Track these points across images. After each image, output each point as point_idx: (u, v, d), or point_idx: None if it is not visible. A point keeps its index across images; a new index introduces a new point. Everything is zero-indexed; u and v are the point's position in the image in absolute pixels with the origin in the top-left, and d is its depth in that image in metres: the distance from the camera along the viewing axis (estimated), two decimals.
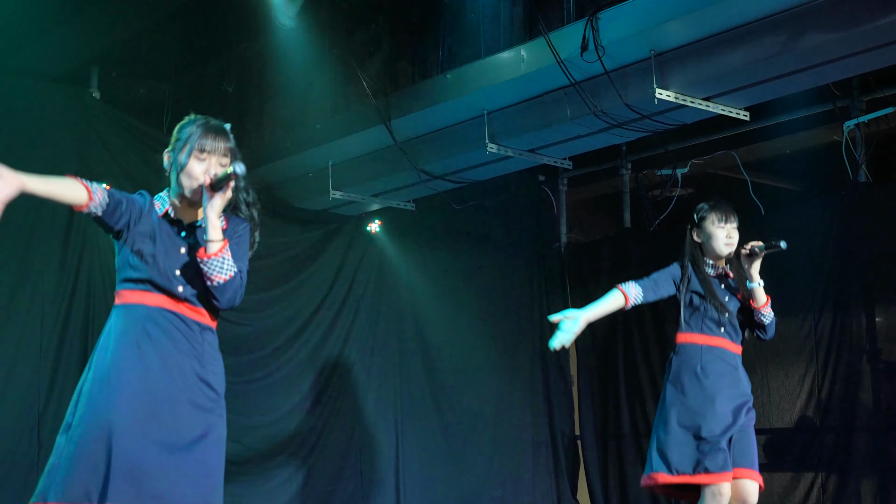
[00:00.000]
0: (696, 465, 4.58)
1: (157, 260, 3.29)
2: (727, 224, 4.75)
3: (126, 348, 3.27)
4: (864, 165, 7.11)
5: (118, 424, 3.16)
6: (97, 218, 3.28)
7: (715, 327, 4.73)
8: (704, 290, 4.71)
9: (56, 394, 6.28)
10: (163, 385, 3.24)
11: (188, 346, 3.30)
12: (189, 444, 3.22)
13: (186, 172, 3.32)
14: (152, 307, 3.29)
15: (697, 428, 4.61)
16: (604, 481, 8.40)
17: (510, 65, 6.30)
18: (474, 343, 8.38)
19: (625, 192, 8.65)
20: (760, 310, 4.73)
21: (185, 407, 3.25)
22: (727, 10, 5.40)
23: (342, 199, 7.68)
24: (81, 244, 6.50)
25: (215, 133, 3.34)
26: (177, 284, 3.30)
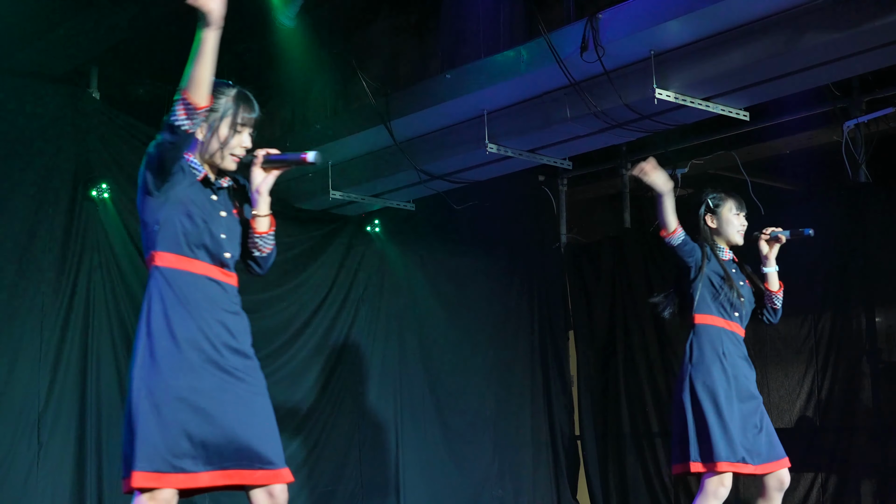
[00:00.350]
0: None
1: (208, 226, 3.32)
2: (741, 212, 4.87)
3: (179, 313, 3.26)
4: (864, 166, 7.11)
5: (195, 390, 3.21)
6: (182, 138, 3.19)
7: (731, 311, 4.78)
8: (724, 273, 4.75)
9: (56, 393, 6.28)
10: (218, 347, 3.29)
11: (227, 312, 3.34)
12: (244, 401, 3.31)
13: (227, 142, 3.38)
14: (199, 275, 3.31)
15: (729, 413, 4.63)
16: (604, 481, 8.40)
17: (510, 65, 6.30)
18: (474, 343, 8.38)
19: (625, 193, 8.65)
20: (776, 294, 4.86)
21: (238, 361, 3.32)
22: (727, 10, 5.40)
23: (342, 199, 7.68)
24: (81, 244, 6.50)
25: (249, 105, 3.44)
26: (225, 250, 3.35)
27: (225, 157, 3.38)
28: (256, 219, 3.42)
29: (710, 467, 4.57)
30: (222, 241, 3.33)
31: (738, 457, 4.56)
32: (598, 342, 8.63)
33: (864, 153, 7.11)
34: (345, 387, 7.68)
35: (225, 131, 3.37)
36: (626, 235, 8.59)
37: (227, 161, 3.38)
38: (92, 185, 6.53)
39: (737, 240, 4.86)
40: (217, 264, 3.33)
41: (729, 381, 4.67)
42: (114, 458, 6.40)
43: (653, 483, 8.08)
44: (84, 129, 6.61)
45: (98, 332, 6.49)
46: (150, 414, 3.16)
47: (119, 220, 6.64)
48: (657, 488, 8.04)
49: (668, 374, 8.12)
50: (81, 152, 6.59)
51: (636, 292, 8.40)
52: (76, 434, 6.32)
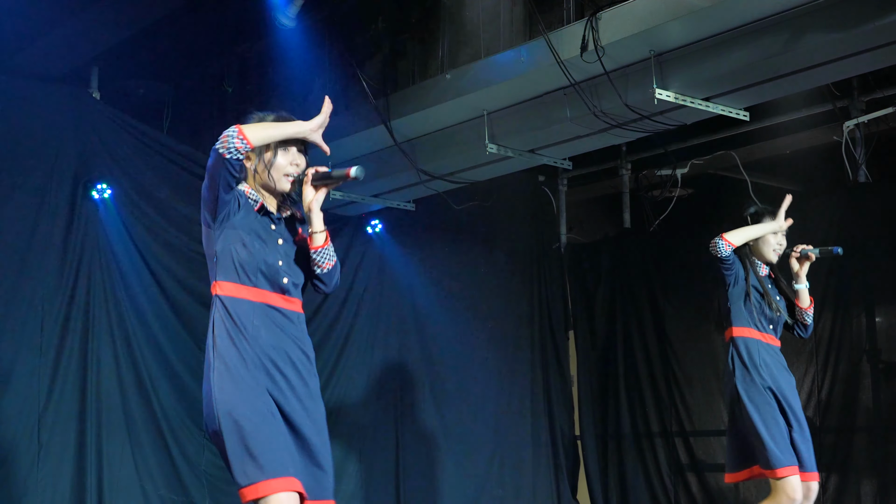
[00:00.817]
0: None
1: (264, 253, 3.39)
2: (779, 232, 4.87)
3: (245, 341, 3.33)
4: (863, 165, 7.11)
5: (263, 414, 3.27)
6: (226, 164, 3.27)
7: (767, 324, 4.89)
8: (762, 288, 4.81)
9: (56, 392, 6.28)
10: (286, 375, 3.37)
11: (290, 340, 3.41)
12: (313, 430, 3.39)
13: (276, 167, 3.45)
14: (257, 303, 3.37)
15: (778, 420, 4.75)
16: (604, 481, 8.40)
17: (510, 65, 6.30)
18: (474, 343, 8.38)
19: (624, 193, 8.65)
20: (807, 310, 4.99)
21: (303, 390, 3.40)
22: (727, 11, 5.40)
23: (342, 199, 7.68)
24: (81, 244, 6.50)
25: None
26: (283, 276, 3.41)
27: (278, 180, 3.45)
28: (312, 235, 3.47)
29: (772, 474, 4.70)
30: (279, 268, 3.39)
31: (793, 461, 4.72)
32: (598, 342, 8.63)
33: (863, 153, 7.11)
34: (345, 387, 7.68)
35: (270, 154, 3.45)
36: (626, 235, 8.59)
37: (280, 183, 3.45)
38: (92, 185, 6.54)
39: (771, 258, 4.96)
40: (277, 291, 3.39)
41: (772, 390, 4.78)
42: (114, 458, 6.41)
43: (653, 483, 8.08)
44: (84, 129, 6.61)
45: (98, 332, 6.49)
46: (254, 426, 3.23)
47: (119, 220, 6.64)
48: (657, 488, 8.05)
49: (668, 374, 8.12)
50: (82, 152, 6.59)
51: (636, 292, 8.40)
52: (76, 434, 6.32)
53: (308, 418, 3.36)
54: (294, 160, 3.47)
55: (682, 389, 8.04)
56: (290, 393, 3.34)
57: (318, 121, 3.50)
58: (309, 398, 3.39)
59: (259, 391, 3.28)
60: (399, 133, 6.96)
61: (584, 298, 8.80)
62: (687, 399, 7.99)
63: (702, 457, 7.85)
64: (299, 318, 3.46)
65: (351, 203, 7.84)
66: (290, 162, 3.46)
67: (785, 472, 4.67)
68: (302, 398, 3.36)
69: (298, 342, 3.42)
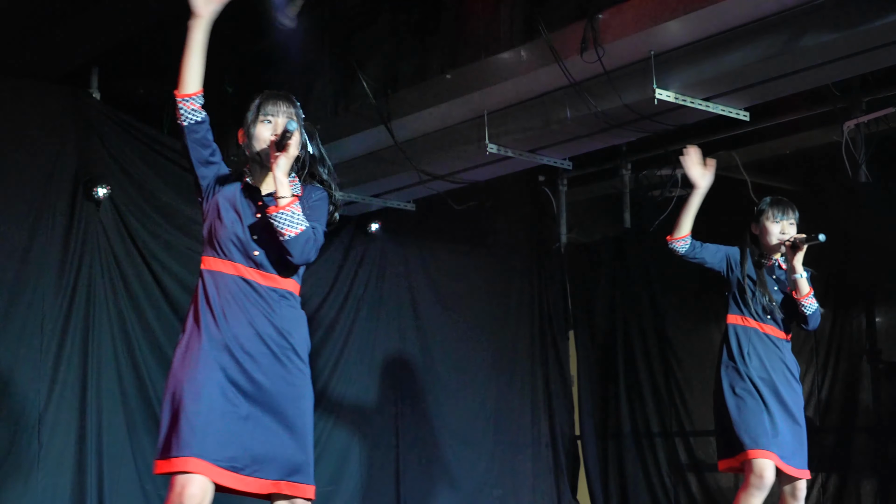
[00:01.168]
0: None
1: (237, 226, 3.41)
2: (783, 220, 4.91)
3: (211, 315, 3.36)
4: (864, 166, 7.11)
5: (208, 391, 3.27)
6: (187, 132, 3.39)
7: (763, 314, 4.86)
8: (757, 278, 4.81)
9: (57, 392, 6.28)
10: (249, 351, 3.35)
11: (262, 316, 3.39)
12: (275, 409, 3.36)
13: (255, 137, 3.47)
14: (231, 275, 3.39)
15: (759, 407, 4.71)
16: (604, 481, 8.40)
17: (510, 65, 6.30)
18: (474, 343, 8.38)
19: (625, 193, 8.65)
20: (801, 300, 4.85)
21: (270, 367, 3.37)
22: (727, 11, 5.39)
23: (342, 199, 7.61)
24: (82, 243, 6.50)
25: (276, 98, 3.53)
26: (252, 249, 3.41)
27: (262, 152, 3.45)
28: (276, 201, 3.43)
29: (742, 457, 4.66)
30: (251, 241, 3.40)
31: (772, 447, 4.63)
32: (598, 342, 8.64)
33: (864, 153, 7.11)
34: (345, 387, 7.68)
35: (251, 126, 3.48)
36: (627, 235, 8.59)
37: (264, 156, 3.44)
38: (92, 185, 6.53)
39: (775, 246, 4.90)
40: (252, 265, 3.40)
41: (757, 380, 4.74)
42: (114, 458, 6.41)
43: (653, 483, 8.09)
44: (85, 129, 6.61)
45: (98, 333, 6.49)
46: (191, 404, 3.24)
47: (120, 221, 6.65)
48: (657, 488, 8.05)
49: (668, 374, 8.12)
50: (82, 153, 6.59)
51: (636, 292, 8.40)
52: (76, 435, 6.32)
53: (269, 398, 3.34)
54: (276, 130, 3.45)
55: (682, 389, 8.04)
56: (255, 370, 3.33)
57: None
58: (277, 377, 3.36)
59: (210, 370, 3.27)
60: (399, 133, 6.96)
61: (584, 298, 8.80)
62: (687, 399, 8.00)
63: (702, 457, 7.86)
64: (278, 295, 3.43)
65: (351, 203, 7.84)
66: (273, 132, 3.45)
67: (755, 454, 4.61)
68: (268, 375, 3.34)
69: (271, 318, 3.39)
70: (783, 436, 4.72)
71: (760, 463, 4.62)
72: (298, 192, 3.52)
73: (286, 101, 3.52)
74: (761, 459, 4.62)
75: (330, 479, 7.47)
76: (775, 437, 4.68)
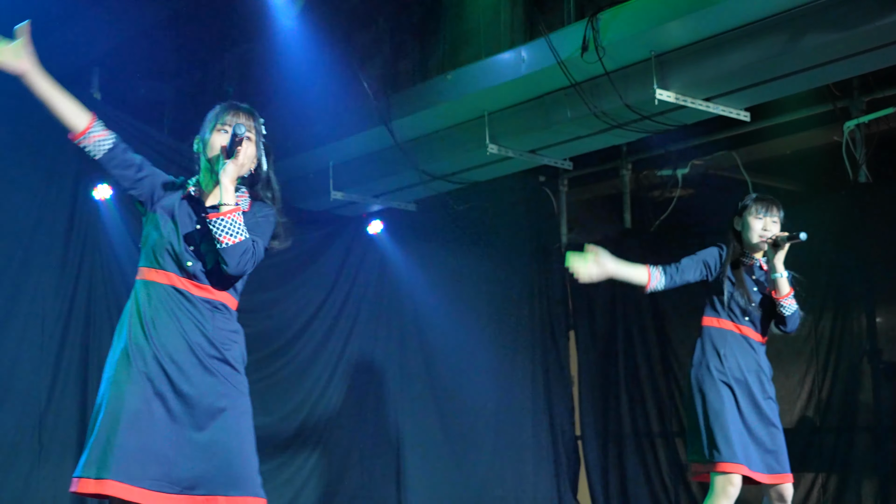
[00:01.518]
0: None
1: (173, 235, 3.35)
2: (766, 217, 4.76)
3: (140, 326, 3.32)
4: (864, 166, 7.11)
5: (132, 405, 3.21)
6: (103, 164, 3.38)
7: (741, 315, 4.76)
8: (735, 278, 4.74)
9: (57, 393, 6.28)
10: (177, 361, 3.29)
11: (193, 326, 3.33)
12: (205, 422, 3.27)
13: (209, 144, 3.41)
14: (164, 285, 3.33)
15: (732, 415, 4.63)
16: (604, 481, 8.40)
17: (511, 66, 6.31)
18: (475, 343, 8.38)
19: (625, 193, 8.65)
20: (780, 300, 4.72)
21: (200, 379, 3.30)
22: (727, 11, 5.40)
23: (343, 199, 7.68)
24: (83, 243, 6.51)
25: (236, 109, 3.45)
26: (186, 259, 3.34)
27: (216, 160, 3.36)
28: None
29: (711, 468, 4.59)
30: (185, 251, 3.33)
31: (739, 458, 4.56)
32: (598, 342, 8.64)
33: (864, 153, 7.11)
34: (346, 387, 7.68)
35: (207, 134, 3.42)
36: (627, 236, 8.59)
37: (219, 163, 3.35)
38: (93, 185, 6.54)
39: (757, 244, 4.77)
40: (186, 276, 3.33)
41: (732, 383, 4.67)
42: None
43: (653, 483, 8.08)
44: None
45: (99, 333, 6.49)
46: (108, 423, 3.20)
47: (120, 221, 6.65)
48: (658, 488, 8.05)
49: (669, 374, 8.12)
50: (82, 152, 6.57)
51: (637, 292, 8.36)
52: (77, 434, 6.32)
53: (198, 411, 3.25)
54: (224, 142, 3.38)
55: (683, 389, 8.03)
56: (183, 382, 3.25)
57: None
58: (207, 388, 3.27)
59: (136, 384, 3.22)
60: (400, 133, 6.97)
61: (584, 298, 8.80)
62: None
63: None
64: (211, 306, 3.37)
65: (352, 203, 7.85)
66: (222, 142, 3.37)
67: (724, 467, 4.54)
68: (196, 387, 3.26)
69: (203, 329, 3.32)
70: (760, 443, 4.64)
71: (728, 477, 4.55)
72: (245, 207, 3.44)
73: (247, 113, 3.44)
74: (730, 474, 4.55)
75: (332, 479, 7.47)
76: (748, 448, 4.59)
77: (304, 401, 7.44)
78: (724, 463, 4.56)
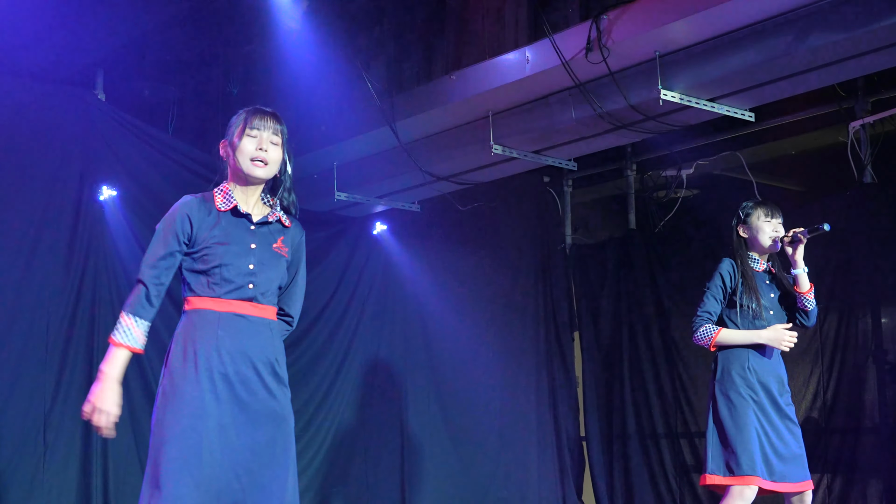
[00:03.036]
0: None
1: (229, 259, 3.33)
2: (773, 219, 4.80)
3: (202, 357, 3.29)
4: (869, 166, 7.10)
5: (202, 438, 3.23)
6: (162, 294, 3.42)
7: (758, 324, 4.77)
8: (749, 287, 4.74)
9: (62, 395, 6.28)
10: (235, 394, 3.30)
11: (260, 348, 3.34)
12: (262, 452, 3.31)
13: (240, 151, 3.39)
14: (223, 313, 3.31)
15: (753, 428, 4.64)
16: (609, 483, 8.39)
17: (515, 66, 6.31)
18: (479, 344, 8.38)
19: (630, 194, 8.65)
20: (805, 295, 4.80)
21: (260, 416, 3.33)
22: (732, 12, 5.40)
23: (347, 200, 7.68)
24: (87, 245, 6.51)
25: (263, 113, 3.46)
26: (249, 281, 3.33)
27: (245, 166, 3.38)
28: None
29: (729, 480, 4.60)
30: (247, 273, 3.33)
31: (758, 471, 4.58)
32: (603, 343, 8.63)
33: (869, 154, 7.10)
34: (350, 388, 7.68)
35: (237, 140, 3.40)
36: (631, 236, 8.59)
37: (250, 168, 3.37)
38: (97, 186, 6.54)
39: (768, 247, 4.80)
40: (245, 298, 3.33)
41: (754, 394, 4.68)
42: (120, 458, 6.41)
43: (658, 484, 8.07)
44: (90, 130, 6.62)
45: (103, 334, 6.49)
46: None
47: (125, 222, 6.65)
48: (662, 489, 8.04)
49: (674, 375, 8.11)
50: (87, 154, 6.60)
51: (641, 293, 8.39)
52: (82, 435, 6.32)
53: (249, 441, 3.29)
54: (261, 145, 3.39)
55: (688, 390, 8.03)
56: (246, 407, 3.30)
57: None
58: (264, 409, 3.35)
59: (196, 416, 3.24)
60: (404, 134, 6.97)
61: (589, 299, 8.79)
62: (692, 400, 7.99)
63: None
64: (269, 326, 3.39)
65: (356, 204, 7.85)
66: (258, 147, 3.38)
67: (744, 480, 4.55)
68: (251, 411, 3.31)
69: (269, 349, 3.36)
70: (781, 453, 4.66)
71: (746, 492, 4.57)
72: (286, 221, 3.48)
73: (273, 117, 3.46)
74: (747, 489, 4.57)
75: (335, 479, 7.47)
76: (769, 459, 4.61)
77: (309, 401, 7.44)
78: (743, 476, 4.57)
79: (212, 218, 3.38)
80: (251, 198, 3.44)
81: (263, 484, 3.25)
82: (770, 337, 4.71)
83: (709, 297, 4.80)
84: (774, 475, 4.62)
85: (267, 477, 3.26)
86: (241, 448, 3.24)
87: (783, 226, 4.85)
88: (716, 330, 4.75)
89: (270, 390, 3.35)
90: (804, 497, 4.73)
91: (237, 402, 3.27)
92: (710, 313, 4.79)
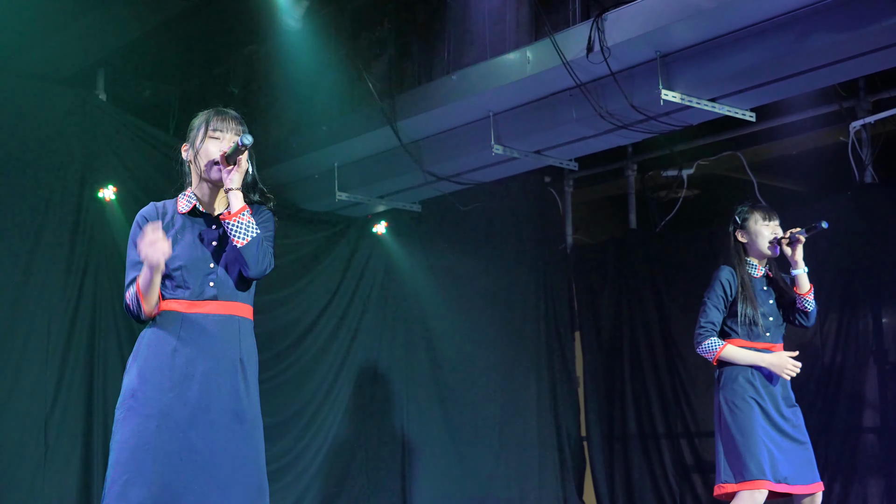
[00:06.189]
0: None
1: (187, 257, 3.34)
2: (771, 222, 4.79)
3: (158, 358, 3.30)
4: (870, 166, 7.11)
5: (152, 439, 3.22)
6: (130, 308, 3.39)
7: (760, 332, 4.76)
8: (747, 297, 4.72)
9: (63, 395, 6.29)
10: (198, 395, 3.28)
11: (223, 348, 3.33)
12: (223, 453, 3.27)
13: (203, 154, 3.39)
14: (187, 314, 3.32)
15: (760, 433, 4.64)
16: (610, 482, 8.40)
17: (516, 66, 6.31)
18: (480, 344, 8.38)
19: (630, 194, 8.65)
20: (805, 296, 4.78)
21: (223, 416, 3.29)
22: (733, 12, 5.39)
23: (348, 200, 7.68)
24: (88, 246, 6.52)
25: (224, 115, 3.46)
26: (209, 279, 3.34)
27: (205, 169, 3.37)
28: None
29: (739, 487, 4.60)
30: (207, 272, 3.33)
31: (767, 475, 4.58)
32: (604, 343, 8.63)
33: (870, 153, 7.10)
34: (351, 388, 7.69)
35: (199, 143, 3.40)
36: (632, 236, 8.59)
37: (212, 171, 3.36)
38: (99, 186, 6.55)
39: (768, 252, 4.79)
40: (208, 298, 3.33)
41: (759, 399, 4.68)
42: None
43: (658, 484, 8.08)
44: (91, 130, 6.63)
45: (105, 333, 6.50)
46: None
47: (126, 222, 6.65)
48: (663, 489, 8.04)
49: (674, 375, 8.12)
50: (88, 154, 6.61)
51: (642, 293, 8.40)
52: (83, 435, 6.33)
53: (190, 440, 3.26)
54: (223, 147, 3.37)
55: (688, 390, 8.04)
56: (208, 408, 3.27)
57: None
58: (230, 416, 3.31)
59: (153, 416, 3.22)
60: (405, 134, 6.97)
61: (589, 299, 8.80)
62: (692, 400, 7.99)
63: (707, 458, 7.85)
64: (239, 322, 3.38)
65: (357, 204, 7.85)
66: (220, 150, 3.37)
67: (753, 485, 4.56)
68: (209, 427, 3.27)
69: (234, 349, 3.34)
70: (788, 457, 4.66)
71: (756, 496, 4.58)
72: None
73: (234, 118, 3.46)
74: (757, 493, 4.58)
75: (336, 479, 7.47)
76: (776, 464, 4.61)
77: (309, 401, 7.45)
78: (752, 481, 4.58)
79: (169, 222, 3.39)
80: (217, 198, 3.43)
81: (225, 485, 3.23)
82: (773, 363, 4.70)
83: (710, 307, 4.78)
84: (783, 478, 4.62)
85: (229, 478, 3.25)
86: (201, 449, 3.23)
87: (780, 227, 4.85)
88: (721, 344, 4.73)
89: (235, 391, 3.32)
90: (815, 499, 4.73)
91: (198, 403, 3.26)
92: (714, 324, 4.77)
